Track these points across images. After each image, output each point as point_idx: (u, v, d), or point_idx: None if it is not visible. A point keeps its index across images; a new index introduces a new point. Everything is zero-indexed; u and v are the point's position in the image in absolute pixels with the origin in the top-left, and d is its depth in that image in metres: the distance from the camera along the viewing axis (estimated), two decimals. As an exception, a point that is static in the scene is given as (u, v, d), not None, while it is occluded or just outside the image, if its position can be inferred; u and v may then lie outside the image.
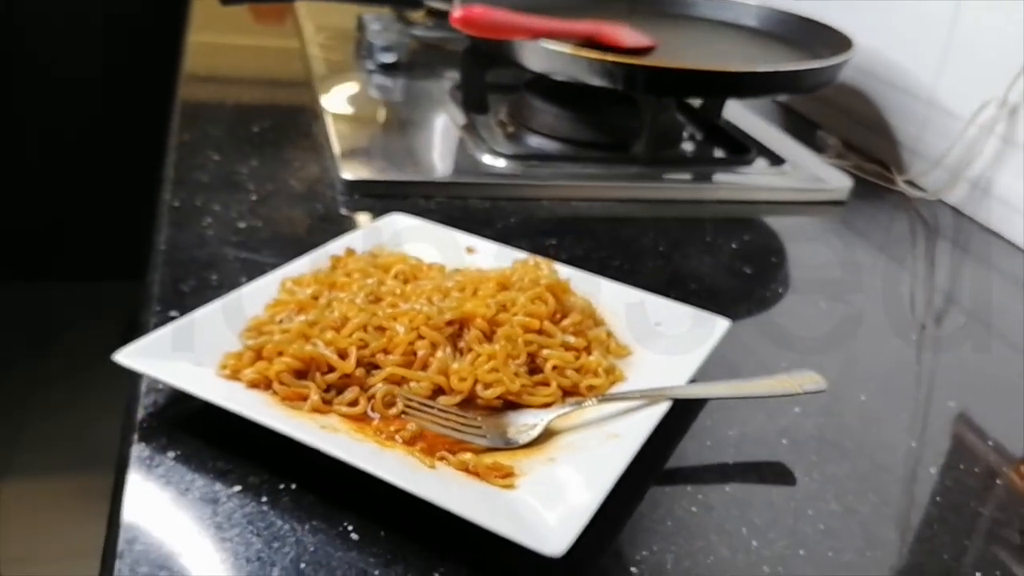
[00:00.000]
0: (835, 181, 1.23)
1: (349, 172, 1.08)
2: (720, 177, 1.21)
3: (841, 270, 1.06)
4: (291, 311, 0.74)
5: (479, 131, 1.22)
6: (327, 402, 0.67)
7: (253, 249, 0.92)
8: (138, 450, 0.63)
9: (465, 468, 0.62)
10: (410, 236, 0.92)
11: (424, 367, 0.70)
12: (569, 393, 0.73)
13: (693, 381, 0.73)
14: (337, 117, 1.25)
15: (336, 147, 1.14)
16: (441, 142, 1.25)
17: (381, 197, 1.07)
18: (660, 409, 0.68)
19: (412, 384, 0.69)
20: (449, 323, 0.73)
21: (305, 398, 0.67)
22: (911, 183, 1.30)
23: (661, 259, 1.01)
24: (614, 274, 0.95)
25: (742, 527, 0.63)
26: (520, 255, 0.88)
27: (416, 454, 0.63)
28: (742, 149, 1.26)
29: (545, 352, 0.73)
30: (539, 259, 0.84)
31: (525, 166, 1.15)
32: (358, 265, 0.81)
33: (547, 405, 0.71)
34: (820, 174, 1.25)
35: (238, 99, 1.32)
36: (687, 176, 1.21)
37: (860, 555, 0.62)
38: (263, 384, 0.68)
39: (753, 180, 1.21)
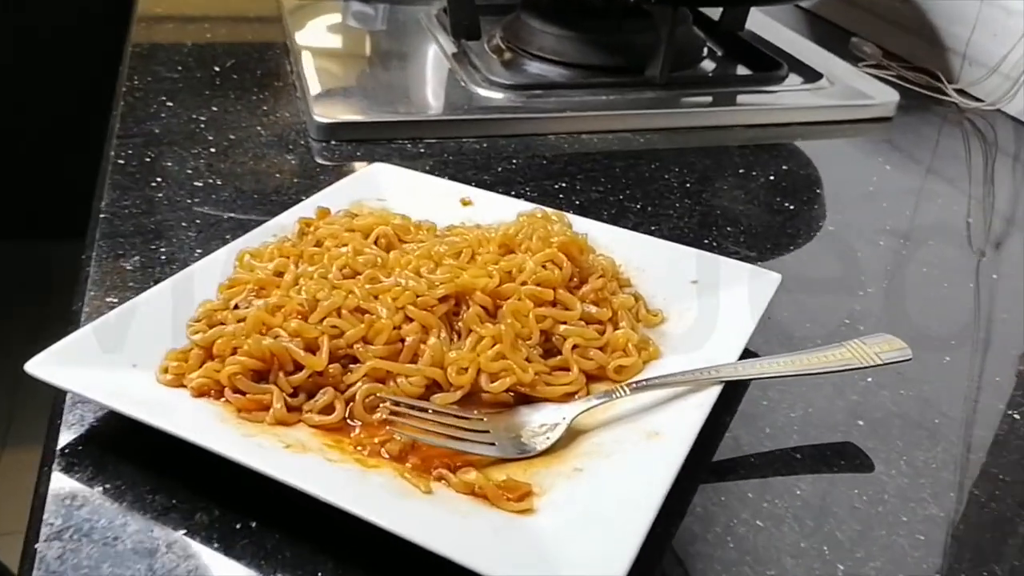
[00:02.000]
0: (880, 95, 1.08)
1: (324, 115, 0.93)
2: (748, 98, 1.06)
3: (893, 199, 0.91)
4: (249, 293, 0.61)
5: (472, 60, 1.07)
6: (294, 409, 0.54)
7: (212, 213, 0.78)
8: (57, 484, 0.50)
9: (471, 490, 0.49)
10: (395, 188, 0.78)
11: (414, 358, 0.57)
12: (594, 378, 0.59)
13: (744, 355, 0.59)
14: (310, 52, 1.10)
15: (310, 87, 0.99)
16: (429, 75, 1.10)
17: (362, 143, 0.92)
18: (710, 396, 0.55)
19: (400, 380, 0.56)
20: (443, 300, 0.59)
21: (266, 407, 0.53)
22: (964, 92, 1.15)
23: (688, 198, 0.87)
24: (636, 220, 0.82)
25: (823, 546, 0.50)
26: (526, 206, 0.74)
27: (407, 475, 0.50)
28: (771, 65, 1.11)
29: (562, 329, 0.60)
30: (548, 211, 0.70)
31: (526, 97, 1.00)
32: (331, 230, 0.67)
33: (568, 396, 0.57)
34: (861, 88, 1.09)
35: (197, 39, 1.17)
36: (710, 99, 1.05)
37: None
38: (214, 391, 0.54)
39: (786, 99, 1.06)
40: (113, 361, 0.55)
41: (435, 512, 0.48)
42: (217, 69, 1.07)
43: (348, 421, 0.54)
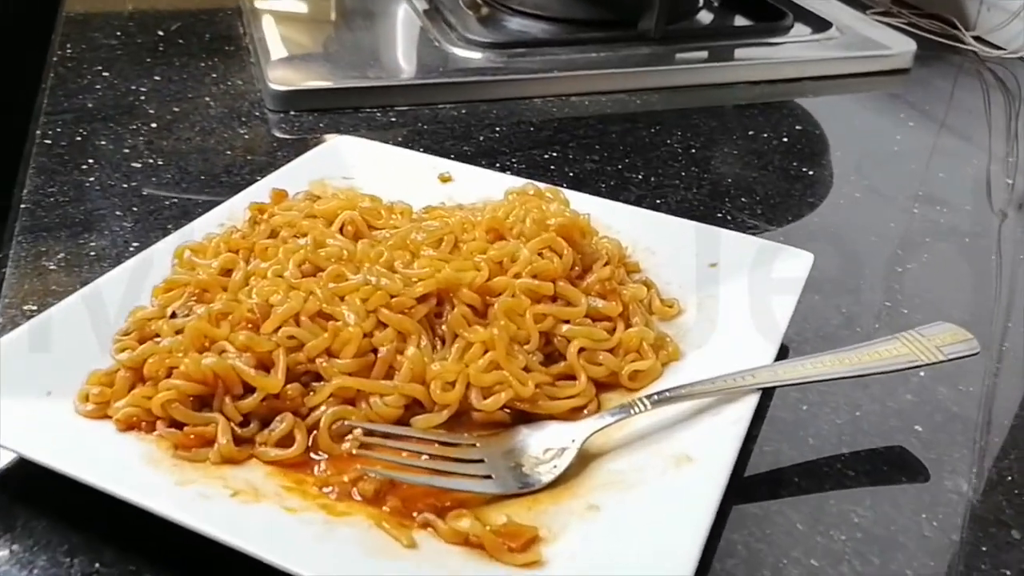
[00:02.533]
0: (896, 45, 0.98)
1: (282, 82, 0.83)
2: (751, 52, 0.96)
3: (919, 159, 0.82)
4: (189, 298, 0.51)
5: (446, 17, 0.96)
6: (245, 442, 0.45)
7: (152, 199, 0.68)
8: (-46, 550, 0.41)
9: (463, 540, 0.40)
10: (362, 164, 0.67)
11: (389, 372, 0.47)
12: (605, 386, 0.50)
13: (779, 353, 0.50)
14: (265, 13, 0.98)
15: (264, 51, 0.88)
16: (399, 36, 0.99)
17: (325, 112, 0.82)
18: (746, 408, 0.45)
19: (373, 401, 0.46)
20: (422, 299, 0.49)
21: (210, 442, 0.44)
22: (982, 40, 1.06)
23: (695, 165, 0.77)
24: (638, 193, 0.72)
25: (895, 592, 0.41)
26: (514, 181, 0.64)
27: (384, 523, 0.40)
28: (775, 14, 1.01)
29: (565, 329, 0.50)
30: (541, 186, 0.60)
31: (507, 57, 0.89)
32: (288, 217, 0.57)
33: (576, 412, 0.48)
34: (875, 37, 1.00)
35: (139, 2, 1.05)
36: (707, 54, 0.95)
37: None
38: (145, 423, 0.45)
39: (793, 52, 0.96)
40: (23, 388, 0.45)
41: (420, 571, 0.38)
42: (160, 34, 0.96)
43: (312, 455, 0.45)
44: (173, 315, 0.50)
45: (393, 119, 0.82)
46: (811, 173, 0.78)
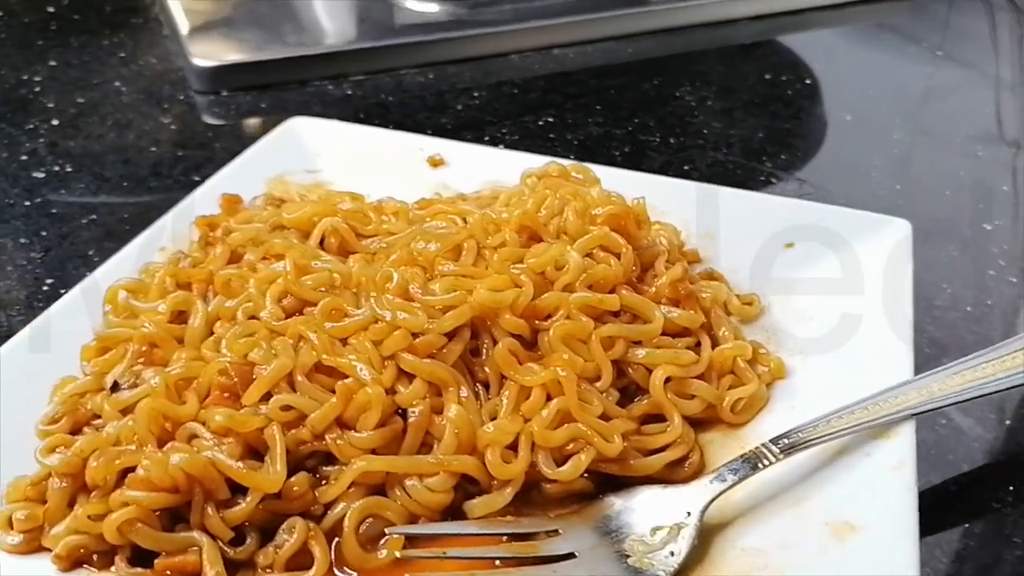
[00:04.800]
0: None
1: (206, 56, 0.68)
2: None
3: (965, 97, 0.72)
4: (134, 360, 0.37)
5: (390, -36, 0.82)
6: (242, 566, 0.32)
7: (64, 218, 0.54)
8: None
9: None
10: (328, 152, 0.54)
11: (426, 442, 0.35)
12: (701, 422, 0.38)
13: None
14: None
15: (181, 20, 0.73)
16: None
17: (265, 89, 0.68)
18: (905, 445, 0.34)
19: (411, 485, 0.34)
20: (453, 334, 0.37)
21: (194, 575, 0.31)
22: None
23: (716, 120, 0.66)
24: (660, 158, 0.60)
25: None
26: (522, 159, 0.52)
27: None
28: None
29: (642, 355, 0.38)
30: (564, 163, 0.48)
31: (469, 7, 0.76)
32: (250, 232, 0.44)
33: (676, 465, 0.36)
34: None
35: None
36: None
37: None
38: (99, 556, 0.31)
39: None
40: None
41: None
42: (51, 10, 0.80)
43: (337, 573, 0.32)
44: (115, 386, 0.37)
45: (349, 91, 0.68)
46: (850, 119, 0.67)
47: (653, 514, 0.34)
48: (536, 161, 0.50)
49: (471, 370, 0.37)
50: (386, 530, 0.33)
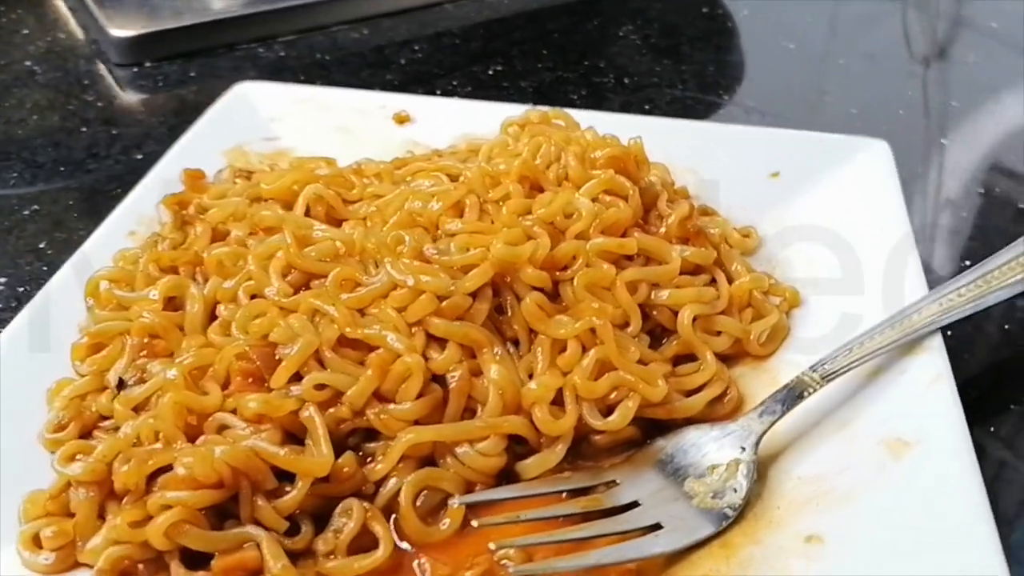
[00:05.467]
0: None
1: (125, 25, 0.63)
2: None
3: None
4: (135, 354, 0.35)
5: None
6: (300, 555, 0.30)
7: (2, 210, 0.50)
8: None
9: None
10: (285, 117, 0.52)
11: (469, 406, 0.33)
12: (727, 358, 0.38)
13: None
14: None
15: (82, -11, 0.68)
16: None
17: (191, 57, 0.64)
18: (938, 357, 0.35)
19: (462, 452, 0.32)
20: (475, 295, 0.35)
21: (255, 573, 0.29)
22: None
23: (665, 56, 0.65)
24: (619, 99, 0.60)
25: None
26: (491, 109, 0.51)
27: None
28: None
29: (666, 296, 0.38)
30: (545, 110, 0.47)
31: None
32: (228, 208, 0.41)
33: (715, 403, 0.36)
34: None
35: None
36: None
37: None
38: (145, 566, 0.29)
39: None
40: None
41: None
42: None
43: (397, 544, 0.31)
44: (121, 384, 0.34)
45: (282, 53, 0.65)
46: (792, 47, 0.67)
47: (706, 453, 0.34)
48: (504, 110, 0.49)
49: (498, 328, 0.36)
50: (453, 501, 0.31)
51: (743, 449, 0.33)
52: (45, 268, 0.45)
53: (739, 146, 0.48)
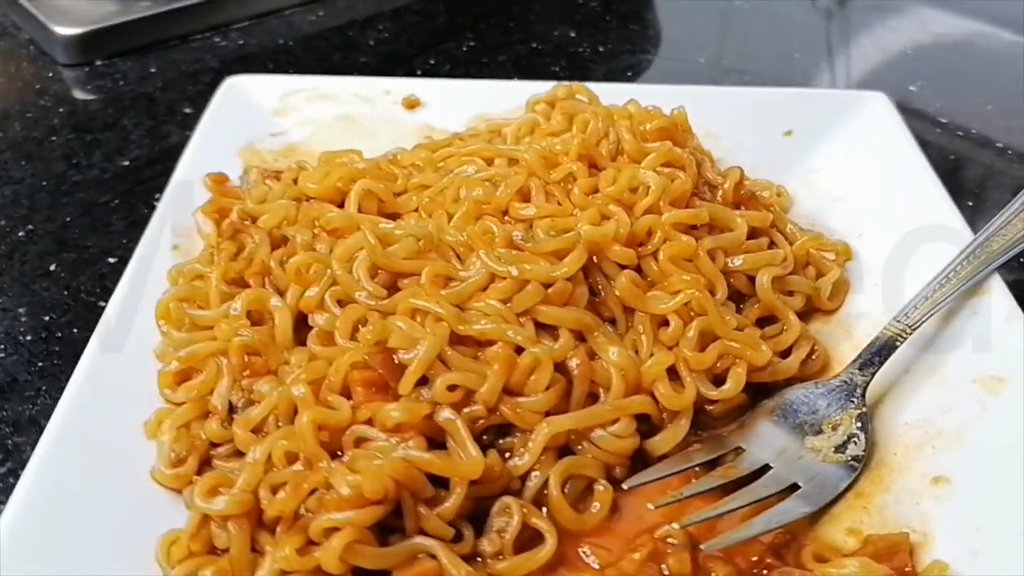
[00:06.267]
0: None
1: (69, 23, 0.59)
2: None
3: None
4: (237, 375, 0.33)
5: None
6: (467, 559, 0.30)
7: (-6, 234, 0.46)
8: None
9: (854, 589, 0.29)
10: (288, 110, 0.50)
11: (591, 391, 0.34)
12: (800, 316, 0.39)
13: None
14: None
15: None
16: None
17: (145, 52, 0.60)
18: (1003, 293, 0.37)
19: (597, 436, 0.33)
20: (572, 279, 0.35)
21: (438, 583, 0.29)
22: None
23: (632, 20, 0.66)
24: (604, 68, 0.60)
25: None
26: (501, 87, 0.50)
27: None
28: None
29: (740, 261, 0.39)
30: (569, 84, 0.46)
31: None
32: (279, 211, 0.40)
33: (806, 361, 0.38)
34: None
35: None
36: None
37: None
38: (316, 591, 0.28)
39: None
40: None
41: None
42: None
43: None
44: (232, 409, 0.33)
45: (240, 41, 0.62)
46: (746, 8, 0.69)
47: (817, 410, 0.35)
48: (512, 88, 0.49)
49: (595, 310, 0.36)
50: (625, 484, 0.32)
51: (853, 402, 0.35)
52: (66, 292, 0.43)
53: (749, 108, 0.49)
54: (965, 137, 0.53)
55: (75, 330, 0.40)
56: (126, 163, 0.49)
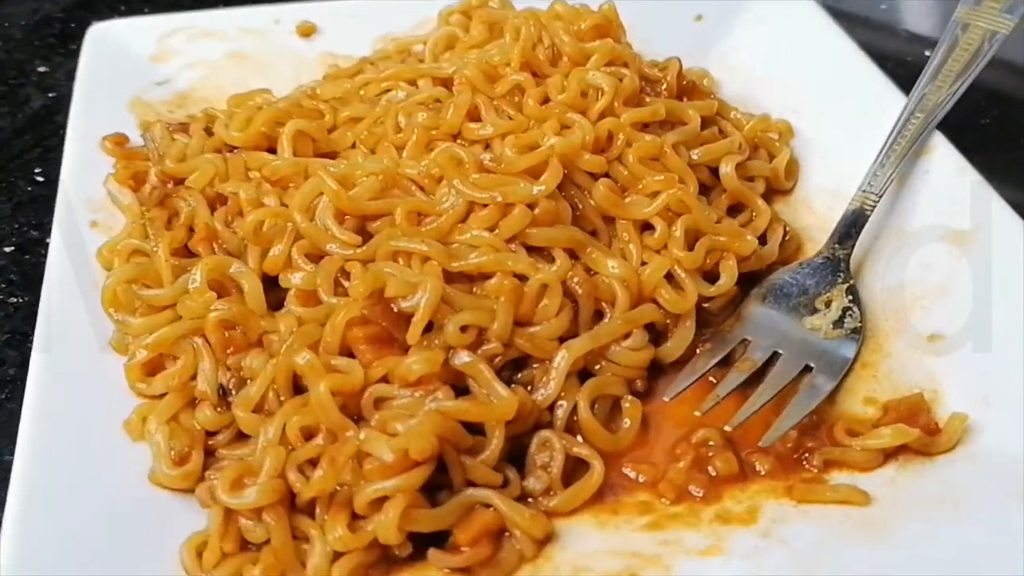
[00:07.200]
0: None
1: None
2: None
3: None
4: (220, 354, 0.30)
5: None
6: (520, 499, 0.28)
7: None
8: None
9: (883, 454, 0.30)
10: (169, 57, 0.45)
11: (596, 308, 0.33)
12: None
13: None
14: None
15: None
16: None
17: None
18: (946, 151, 0.38)
19: (614, 352, 0.32)
20: (553, 196, 0.34)
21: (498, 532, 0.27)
22: None
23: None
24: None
25: None
26: (395, 5, 0.47)
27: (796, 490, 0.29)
28: None
29: (698, 155, 0.38)
30: (477, -8, 0.44)
31: None
32: (208, 171, 0.36)
33: (783, 241, 0.38)
34: None
35: None
36: None
37: None
38: (371, 569, 0.27)
39: None
40: None
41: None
42: None
43: (604, 465, 0.30)
44: (223, 391, 0.30)
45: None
46: None
47: (807, 289, 0.35)
48: (414, 5, 0.46)
49: (577, 225, 0.35)
50: (666, 397, 0.31)
51: (840, 276, 0.35)
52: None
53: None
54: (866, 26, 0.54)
55: (-10, 333, 0.36)
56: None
